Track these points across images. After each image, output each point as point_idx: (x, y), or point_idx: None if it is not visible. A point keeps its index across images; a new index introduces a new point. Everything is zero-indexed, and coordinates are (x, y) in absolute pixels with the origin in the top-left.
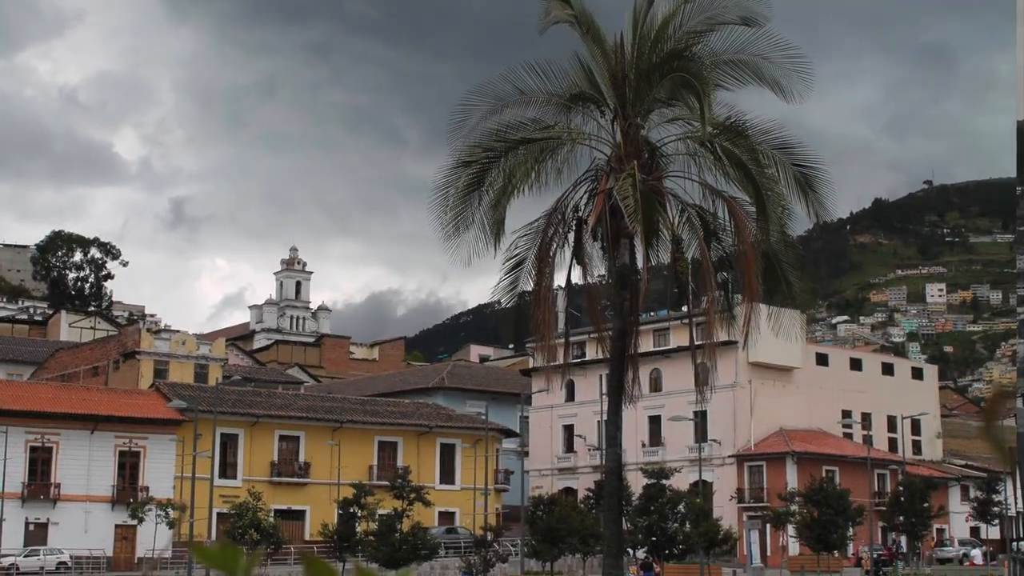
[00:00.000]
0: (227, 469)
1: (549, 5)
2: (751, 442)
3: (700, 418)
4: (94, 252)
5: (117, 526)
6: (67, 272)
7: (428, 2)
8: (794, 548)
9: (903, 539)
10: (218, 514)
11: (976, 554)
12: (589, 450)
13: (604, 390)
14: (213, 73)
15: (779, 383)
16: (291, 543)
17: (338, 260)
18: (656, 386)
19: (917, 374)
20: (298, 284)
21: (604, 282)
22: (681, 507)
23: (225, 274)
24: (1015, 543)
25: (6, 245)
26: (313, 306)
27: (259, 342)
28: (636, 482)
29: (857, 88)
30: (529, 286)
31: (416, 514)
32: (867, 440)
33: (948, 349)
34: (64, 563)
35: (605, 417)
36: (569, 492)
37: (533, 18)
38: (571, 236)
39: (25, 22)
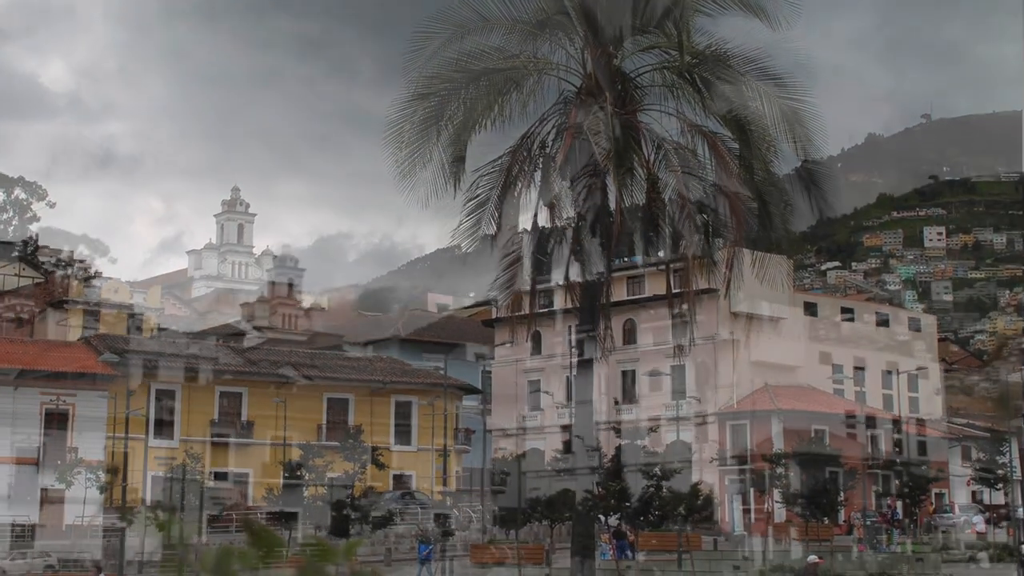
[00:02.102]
0: (163, 429)
1: None
2: (733, 399)
3: (678, 373)
4: (18, 192)
5: (43, 490)
6: None
7: None
8: (780, 514)
9: (899, 505)
10: (153, 477)
11: (979, 521)
12: (557, 408)
13: (573, 342)
14: None
15: (764, 335)
16: (233, 509)
17: (284, 201)
18: (630, 338)
19: (914, 325)
20: (240, 227)
21: (574, 225)
22: (657, 470)
23: (161, 216)
24: (1021, 510)
25: None
26: (257, 251)
27: (198, 290)
28: (608, 443)
29: (848, 12)
30: (492, 229)
31: (369, 478)
32: (860, 397)
33: (948, 298)
34: None
35: (575, 372)
36: (535, 454)
37: None
38: (537, 175)
39: None
